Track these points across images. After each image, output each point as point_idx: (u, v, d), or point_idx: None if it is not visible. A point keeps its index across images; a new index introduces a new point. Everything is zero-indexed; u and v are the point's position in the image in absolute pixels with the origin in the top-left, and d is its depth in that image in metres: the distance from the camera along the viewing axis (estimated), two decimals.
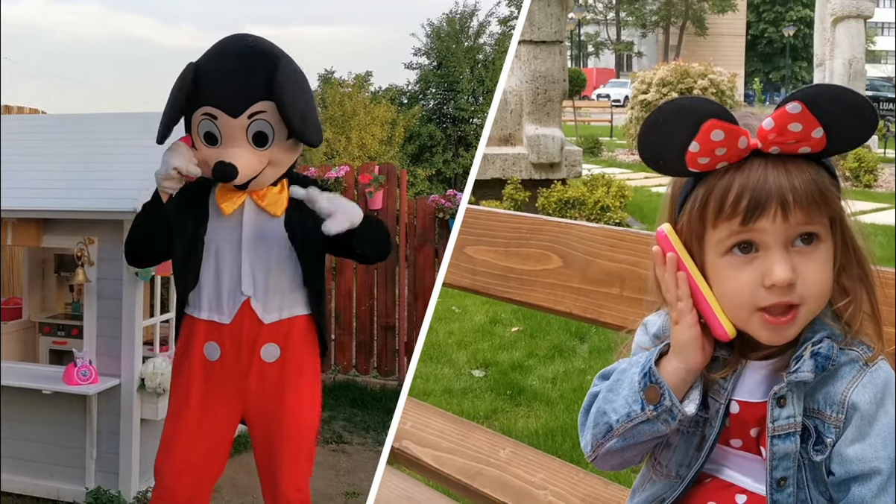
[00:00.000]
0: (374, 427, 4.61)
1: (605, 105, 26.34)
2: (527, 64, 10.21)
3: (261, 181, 2.39)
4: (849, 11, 13.87)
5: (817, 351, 1.19)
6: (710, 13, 40.69)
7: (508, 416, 3.97)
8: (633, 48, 42.38)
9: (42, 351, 4.51)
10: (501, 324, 5.44)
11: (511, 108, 10.35)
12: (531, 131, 10.13)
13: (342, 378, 5.55)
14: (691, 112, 1.19)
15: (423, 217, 5.57)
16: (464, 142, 21.66)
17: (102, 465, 3.42)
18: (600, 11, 42.73)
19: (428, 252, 5.55)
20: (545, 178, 10.01)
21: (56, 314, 4.68)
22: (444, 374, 4.50)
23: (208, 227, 2.44)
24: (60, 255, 4.65)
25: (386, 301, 5.61)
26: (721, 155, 1.19)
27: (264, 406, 2.46)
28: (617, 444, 1.31)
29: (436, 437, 2.04)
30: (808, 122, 1.14)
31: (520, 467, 1.89)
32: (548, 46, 10.15)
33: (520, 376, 4.46)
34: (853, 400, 1.18)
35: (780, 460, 1.21)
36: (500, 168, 10.12)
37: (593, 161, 14.91)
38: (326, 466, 3.96)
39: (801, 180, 1.16)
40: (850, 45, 13.70)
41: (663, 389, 1.25)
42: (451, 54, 22.33)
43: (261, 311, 2.44)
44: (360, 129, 16.77)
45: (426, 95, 22.75)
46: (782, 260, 1.16)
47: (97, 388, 3.32)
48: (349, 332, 5.68)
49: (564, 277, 1.76)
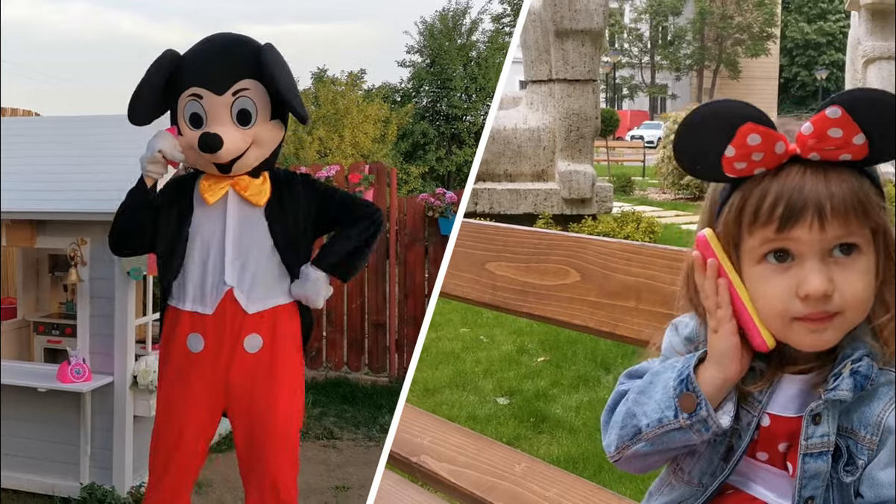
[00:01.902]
0: (365, 423, 4.67)
1: (639, 146, 26.26)
2: (560, 101, 10.41)
3: (244, 163, 2.44)
4: (880, 53, 13.92)
5: (857, 369, 1.15)
6: (743, 57, 40.95)
7: (531, 442, 4.00)
8: (666, 91, 42.76)
9: (37, 350, 4.55)
10: (528, 353, 5.50)
11: (544, 145, 10.54)
12: (563, 167, 10.32)
13: (333, 375, 5.61)
14: (728, 116, 1.17)
15: (413, 215, 5.63)
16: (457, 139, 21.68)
17: (96, 461, 3.47)
18: (635, 55, 43.09)
19: (418, 250, 5.62)
20: (576, 213, 10.22)
21: (50, 314, 4.73)
22: (469, 401, 4.56)
23: (193, 219, 2.49)
24: (54, 256, 4.70)
25: (377, 299, 5.67)
26: (758, 160, 1.16)
27: (246, 396, 2.50)
28: (644, 448, 1.28)
29: (453, 452, 2.06)
30: (848, 127, 1.11)
31: (534, 482, 1.89)
32: (581, 85, 10.37)
33: (544, 405, 4.50)
34: (889, 423, 1.14)
35: (811, 479, 1.17)
36: (532, 203, 10.33)
37: (625, 199, 14.91)
38: (317, 461, 4.02)
39: (841, 189, 1.12)
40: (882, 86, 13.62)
41: (700, 398, 1.22)
42: (444, 52, 22.35)
43: (244, 302, 2.48)
44: (353, 127, 16.77)
45: (419, 93, 22.77)
46: (818, 270, 1.13)
47: (91, 385, 3.37)
48: (340, 330, 5.73)
49: (582, 292, 1.76)
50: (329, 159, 14.67)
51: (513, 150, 10.54)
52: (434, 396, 4.57)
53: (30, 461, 3.56)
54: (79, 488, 3.39)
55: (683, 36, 42.32)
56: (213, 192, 2.47)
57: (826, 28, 43.29)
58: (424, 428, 2.16)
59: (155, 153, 2.45)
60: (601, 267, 1.73)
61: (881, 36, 14.02)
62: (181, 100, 2.44)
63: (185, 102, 2.43)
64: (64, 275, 4.67)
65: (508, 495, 1.88)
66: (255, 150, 2.44)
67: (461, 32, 23.12)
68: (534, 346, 5.66)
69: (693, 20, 41.40)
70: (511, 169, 10.61)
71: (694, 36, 42.08)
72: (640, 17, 43.15)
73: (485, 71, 22.19)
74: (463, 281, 2.05)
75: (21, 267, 4.69)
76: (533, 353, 5.50)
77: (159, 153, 2.45)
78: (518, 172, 10.65)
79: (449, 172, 20.90)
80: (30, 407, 3.55)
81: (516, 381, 4.88)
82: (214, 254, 2.49)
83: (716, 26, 40.80)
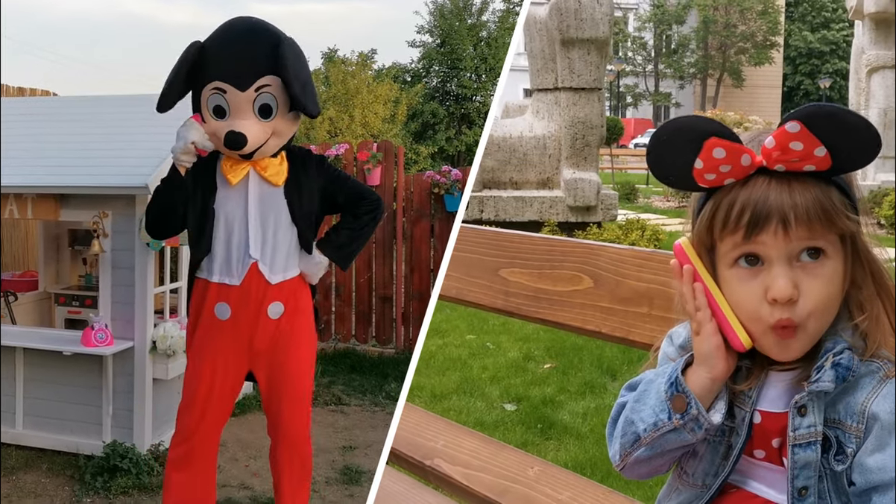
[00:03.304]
0: (371, 390, 4.87)
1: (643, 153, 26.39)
2: (566, 109, 10.43)
3: (265, 151, 2.62)
4: (883, 62, 13.83)
5: (838, 361, 1.19)
6: (746, 65, 40.73)
7: (539, 448, 4.02)
8: (670, 99, 42.46)
9: (58, 320, 4.76)
10: (535, 360, 5.53)
11: (549, 153, 10.55)
12: (569, 175, 10.34)
13: (342, 346, 5.82)
14: (693, 131, 1.22)
15: (420, 192, 5.81)
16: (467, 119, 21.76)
17: (118, 420, 3.67)
18: (639, 64, 42.82)
19: (424, 226, 5.80)
20: (581, 220, 10.22)
21: (70, 286, 4.93)
22: (477, 407, 4.56)
23: (217, 197, 2.68)
24: (73, 231, 4.90)
25: (384, 274, 5.87)
26: (726, 171, 1.21)
27: (271, 357, 2.74)
28: (644, 452, 1.32)
29: (467, 456, 2.07)
30: (808, 140, 1.15)
31: (547, 485, 1.90)
32: (586, 93, 10.39)
33: (551, 411, 4.53)
34: (873, 410, 1.18)
35: (802, 469, 1.21)
36: (538, 210, 10.36)
37: (629, 207, 14.89)
38: (326, 424, 4.23)
39: (804, 198, 1.17)
40: (885, 95, 13.54)
41: (689, 398, 1.26)
42: (454, 32, 22.37)
43: (268, 273, 2.69)
44: (364, 107, 16.87)
45: (429, 73, 22.84)
46: (784, 275, 1.18)
47: (113, 349, 3.56)
48: (349, 304, 5.94)
49: (594, 297, 1.77)
50: (339, 139, 14.81)
51: (518, 157, 10.53)
52: (442, 402, 4.61)
53: (55, 421, 3.77)
54: (101, 446, 3.57)
55: (687, 44, 42.26)
56: (235, 173, 2.65)
57: (830, 37, 43.07)
58: (437, 432, 2.18)
59: (189, 143, 2.60)
60: (614, 273, 1.74)
61: (885, 45, 13.96)
62: (205, 91, 2.59)
63: (209, 95, 2.58)
64: (84, 248, 4.89)
65: (522, 498, 1.89)
66: (274, 140, 2.62)
67: (471, 13, 23.13)
68: (540, 352, 5.69)
69: (697, 29, 41.29)
70: (517, 177, 10.59)
71: (697, 44, 42.04)
72: (644, 26, 42.91)
73: (495, 51, 22.19)
74: (476, 287, 2.05)
75: (42, 241, 4.90)
76: (539, 360, 5.54)
77: (192, 144, 2.60)
78: (523, 180, 10.63)
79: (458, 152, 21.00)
80: (55, 371, 3.75)
81: (523, 387, 4.93)
82: (238, 230, 2.68)
83: (719, 35, 40.73)
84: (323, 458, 3.73)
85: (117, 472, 3.42)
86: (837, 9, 42.10)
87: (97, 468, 3.46)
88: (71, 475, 3.54)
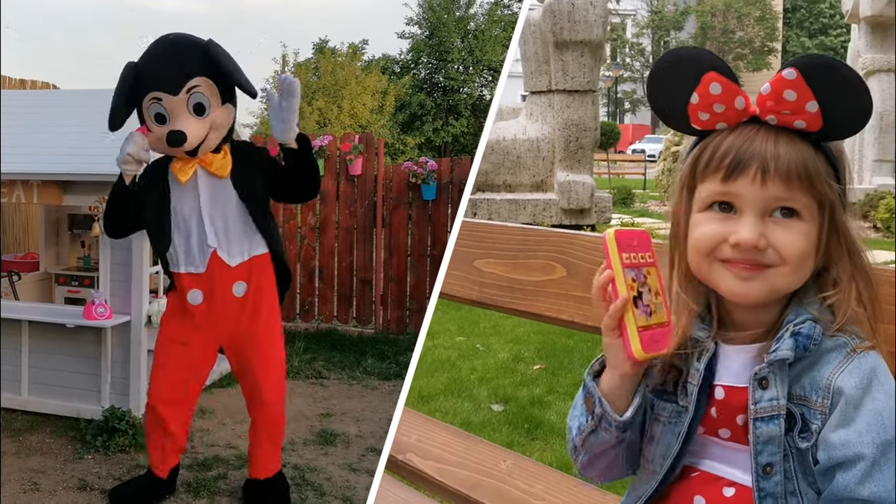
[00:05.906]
0: (350, 366, 5.22)
1: (640, 159, 26.27)
2: (559, 112, 10.46)
3: (207, 145, 2.95)
4: (879, 66, 13.77)
5: (798, 331, 1.17)
6: (744, 71, 40.62)
7: (524, 448, 3.99)
8: None
9: (58, 298, 5.11)
10: (524, 362, 5.49)
11: (543, 156, 10.58)
12: (562, 178, 10.40)
13: (324, 326, 6.17)
14: (692, 64, 1.22)
15: (398, 182, 6.16)
16: (454, 111, 22.01)
17: (116, 388, 3.99)
18: (637, 70, 42.92)
19: (402, 213, 6.16)
20: (575, 223, 10.20)
21: (69, 267, 5.27)
22: (464, 407, 4.57)
23: (172, 196, 3.02)
24: (73, 215, 5.22)
25: (364, 258, 6.22)
26: (720, 112, 1.21)
27: (238, 331, 3.11)
28: (584, 457, 1.32)
29: (439, 450, 2.05)
30: (802, 91, 1.15)
31: (520, 479, 1.88)
32: (580, 95, 10.42)
33: (538, 411, 4.50)
34: (839, 385, 1.14)
35: (765, 445, 1.18)
36: (531, 213, 10.39)
37: (625, 211, 14.89)
38: (306, 395, 4.59)
39: (788, 151, 1.17)
40: (882, 99, 13.29)
41: (594, 397, 1.27)
42: (442, 24, 22.59)
43: (226, 258, 3.04)
44: (352, 98, 17.06)
45: (418, 65, 23.04)
46: (752, 224, 1.17)
47: (112, 322, 3.89)
48: (331, 286, 6.30)
49: (568, 287, 1.74)
50: (328, 129, 15.06)
51: (512, 160, 10.57)
52: (429, 403, 4.61)
53: (58, 388, 4.10)
54: (100, 410, 3.86)
55: None
56: (184, 171, 2.97)
57: (827, 43, 43.07)
58: (411, 427, 2.16)
59: (126, 156, 2.93)
60: (587, 262, 1.71)
61: (881, 48, 13.86)
62: (144, 103, 2.92)
63: (149, 105, 2.92)
64: (82, 232, 5.23)
65: (493, 492, 1.87)
66: (213, 134, 2.95)
67: (459, 5, 23.31)
68: (530, 354, 5.65)
69: (694, 35, 41.42)
70: (510, 179, 10.63)
71: None
72: (641, 32, 43.20)
73: (482, 44, 22.37)
74: (452, 279, 2.02)
75: (43, 225, 5.24)
76: (529, 361, 5.50)
77: (129, 155, 2.93)
78: (517, 183, 10.68)
79: (445, 143, 21.25)
80: (58, 342, 4.08)
81: (511, 388, 4.90)
82: (195, 223, 3.01)
83: (717, 41, 40.85)
84: (303, 424, 4.09)
85: (115, 432, 3.73)
86: (835, 15, 42.26)
87: (97, 429, 3.76)
88: (73, 436, 3.85)
